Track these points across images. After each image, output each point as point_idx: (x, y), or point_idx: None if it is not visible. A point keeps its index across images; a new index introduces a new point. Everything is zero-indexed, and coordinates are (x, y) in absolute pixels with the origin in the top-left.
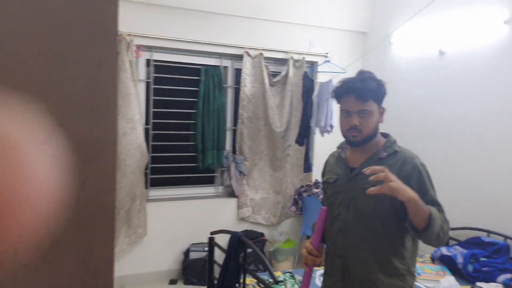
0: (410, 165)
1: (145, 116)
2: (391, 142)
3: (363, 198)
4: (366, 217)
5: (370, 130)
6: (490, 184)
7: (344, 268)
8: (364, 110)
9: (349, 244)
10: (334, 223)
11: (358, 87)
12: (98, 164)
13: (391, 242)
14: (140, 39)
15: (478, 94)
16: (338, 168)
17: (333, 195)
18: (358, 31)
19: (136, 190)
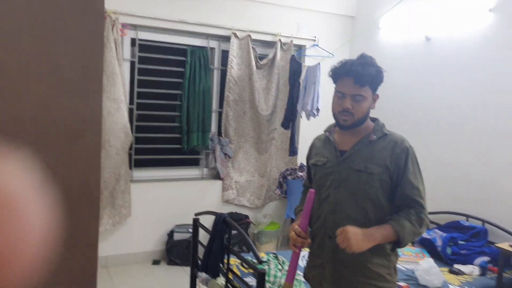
0: (400, 147)
1: (129, 96)
2: (380, 126)
3: (354, 179)
4: (357, 198)
5: (361, 114)
6: (471, 170)
7: (334, 248)
8: (359, 95)
9: (340, 224)
10: (324, 204)
11: (358, 71)
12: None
13: (379, 222)
14: (126, 18)
15: (463, 80)
16: (327, 151)
17: (323, 178)
18: (346, 15)
19: (120, 170)
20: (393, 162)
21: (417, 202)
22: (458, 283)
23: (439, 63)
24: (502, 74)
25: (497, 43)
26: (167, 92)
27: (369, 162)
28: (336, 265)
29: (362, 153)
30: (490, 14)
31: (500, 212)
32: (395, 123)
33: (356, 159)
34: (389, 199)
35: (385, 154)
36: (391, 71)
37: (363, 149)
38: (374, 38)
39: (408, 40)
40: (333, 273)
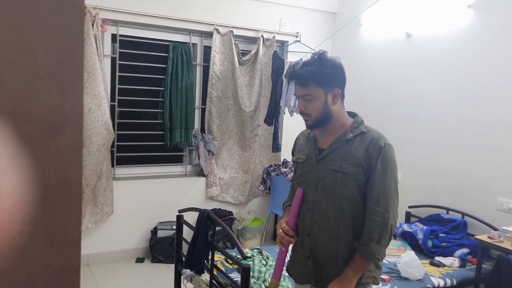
0: (374, 146)
1: (110, 92)
2: (358, 123)
3: (330, 179)
4: (333, 198)
5: (317, 113)
6: (450, 164)
7: (312, 245)
8: (306, 95)
9: (317, 223)
10: (303, 203)
11: (297, 73)
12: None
13: (356, 221)
14: (106, 13)
15: (442, 76)
16: (307, 149)
17: (302, 175)
18: (328, 11)
19: (102, 168)
20: (367, 161)
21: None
22: (438, 275)
23: (419, 59)
24: (480, 69)
25: (475, 39)
26: (149, 88)
27: (344, 162)
28: (316, 261)
29: (339, 152)
30: (469, 11)
31: (479, 205)
32: (377, 119)
33: (332, 159)
34: (365, 198)
35: (361, 152)
36: (372, 67)
37: (340, 148)
38: (356, 34)
39: (389, 36)
40: (313, 269)
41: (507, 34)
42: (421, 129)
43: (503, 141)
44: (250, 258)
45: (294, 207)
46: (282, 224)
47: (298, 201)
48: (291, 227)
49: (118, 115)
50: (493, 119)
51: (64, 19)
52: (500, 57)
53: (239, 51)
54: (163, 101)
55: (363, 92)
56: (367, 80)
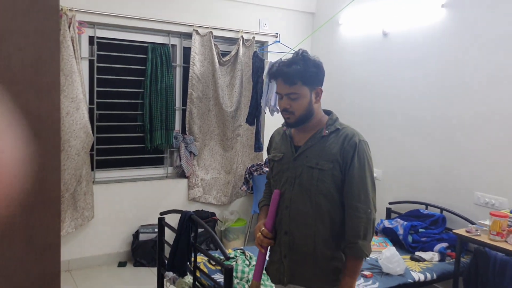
0: (349, 142)
1: (89, 95)
2: (333, 120)
3: (306, 176)
4: (310, 194)
5: (301, 111)
6: (428, 160)
7: (290, 243)
8: (292, 93)
9: (294, 220)
10: (280, 200)
11: (284, 71)
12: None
13: (333, 217)
14: (83, 15)
15: (419, 74)
16: (284, 146)
17: (279, 173)
18: (306, 12)
19: (81, 171)
20: (342, 157)
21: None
22: (419, 270)
23: (396, 57)
24: (455, 66)
25: (450, 37)
26: (128, 90)
27: (320, 158)
28: (292, 259)
29: (315, 149)
30: (442, 10)
31: (457, 200)
32: (355, 116)
33: (309, 155)
34: (342, 192)
35: (336, 149)
36: (351, 65)
37: (316, 144)
38: (334, 34)
39: (366, 35)
40: (290, 267)
41: (480, 31)
42: (399, 126)
43: (479, 137)
44: (233, 259)
45: (271, 209)
46: (261, 227)
47: (275, 203)
48: (269, 229)
49: (97, 118)
50: (469, 115)
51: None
52: (474, 54)
53: (219, 52)
54: (142, 102)
55: (342, 90)
56: (345, 79)
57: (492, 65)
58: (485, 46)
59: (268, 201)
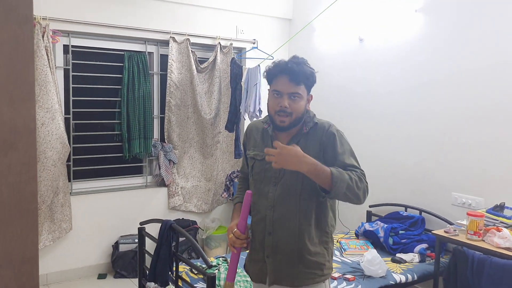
0: (326, 134)
1: (64, 105)
2: (310, 117)
3: (290, 176)
4: (294, 194)
5: (298, 114)
6: (406, 163)
7: (274, 244)
8: (295, 93)
9: (278, 220)
10: (262, 200)
11: (294, 69)
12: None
13: (316, 213)
14: (57, 24)
15: (394, 77)
16: (265, 145)
17: (261, 173)
18: (283, 18)
19: (58, 183)
20: (322, 150)
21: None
22: (400, 271)
23: (372, 62)
24: (429, 69)
25: (423, 41)
26: (105, 99)
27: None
28: (276, 259)
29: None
30: (417, 15)
31: (435, 201)
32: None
33: None
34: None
35: (315, 143)
36: (328, 71)
37: (298, 143)
38: (312, 40)
39: (343, 41)
40: (273, 267)
41: (452, 35)
42: (377, 130)
43: (454, 138)
44: (216, 267)
45: (244, 210)
46: (233, 228)
47: (248, 204)
48: (242, 230)
49: (73, 128)
50: (445, 118)
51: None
52: (448, 56)
53: (197, 59)
54: (120, 111)
55: (319, 95)
56: (322, 84)
57: (466, 69)
58: (459, 49)
59: (242, 198)
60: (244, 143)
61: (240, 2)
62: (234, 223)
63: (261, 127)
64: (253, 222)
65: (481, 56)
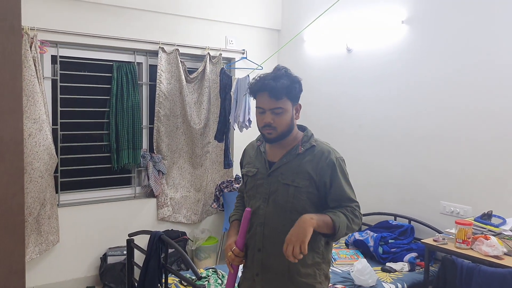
0: (326, 161)
1: (51, 116)
2: (308, 137)
3: (282, 192)
4: (285, 211)
5: (284, 127)
6: (395, 172)
7: (263, 261)
8: (277, 108)
9: (268, 237)
10: (254, 216)
11: (271, 85)
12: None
13: None
14: (45, 34)
15: (382, 87)
16: (258, 162)
17: (253, 189)
18: (272, 29)
19: (45, 194)
20: (319, 175)
21: (350, 202)
22: (390, 280)
23: (360, 72)
24: (416, 79)
25: (410, 52)
26: (93, 110)
27: (296, 176)
28: (265, 278)
29: (290, 165)
30: (403, 26)
31: (424, 210)
32: (322, 131)
33: (284, 172)
34: (317, 209)
35: (312, 166)
36: (316, 81)
37: (291, 161)
38: (300, 50)
39: (331, 51)
40: (262, 286)
41: (438, 45)
42: (366, 139)
43: (442, 146)
44: (205, 278)
45: (243, 227)
46: (232, 246)
47: (246, 221)
48: (241, 248)
49: (61, 139)
50: (432, 128)
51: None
52: (434, 66)
53: (186, 69)
54: (108, 122)
55: (308, 105)
56: (310, 94)
57: (453, 78)
58: (445, 60)
59: (239, 215)
60: (240, 162)
61: (229, 13)
62: (232, 240)
63: (256, 145)
64: (247, 238)
65: (467, 66)
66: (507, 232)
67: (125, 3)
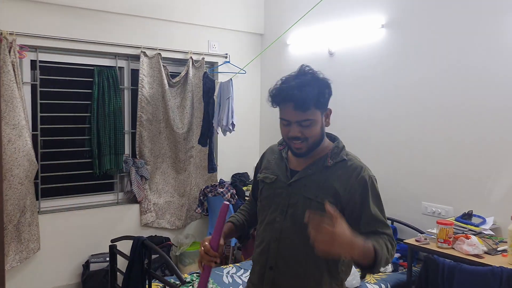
0: (358, 178)
1: (31, 121)
2: (339, 149)
3: (302, 207)
4: (304, 228)
5: (315, 138)
6: (377, 174)
7: (274, 280)
8: (305, 120)
9: (283, 256)
10: (268, 229)
11: (296, 96)
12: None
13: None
14: (24, 39)
15: (363, 90)
16: (278, 168)
17: (269, 198)
18: (255, 33)
19: (25, 201)
20: (347, 193)
21: (386, 229)
22: (374, 281)
23: (342, 75)
24: (395, 82)
25: (390, 55)
26: (74, 115)
27: (321, 190)
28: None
29: (315, 178)
30: (382, 30)
31: (406, 211)
32: None
33: (307, 184)
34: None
35: (340, 182)
36: None
37: (317, 173)
38: (283, 54)
39: (313, 55)
40: None
41: (417, 48)
42: (347, 141)
43: (422, 148)
44: (190, 283)
45: (218, 223)
46: (205, 242)
47: (223, 217)
48: (214, 246)
49: (41, 145)
50: (412, 128)
51: None
52: (414, 69)
53: (168, 73)
54: (90, 127)
55: None
56: None
57: (432, 80)
58: (424, 62)
59: (235, 219)
60: (257, 165)
61: (212, 17)
62: (208, 237)
63: (277, 150)
64: (256, 253)
65: (446, 68)
66: (487, 231)
67: (106, 7)
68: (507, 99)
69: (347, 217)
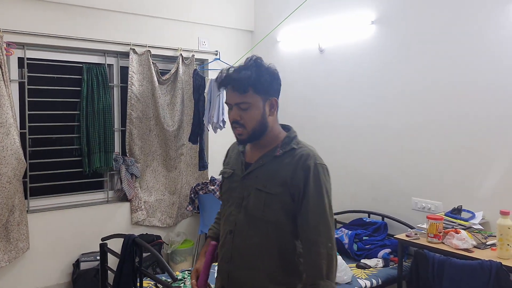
0: (303, 165)
1: (19, 120)
2: (290, 138)
3: (254, 199)
4: (257, 220)
5: (254, 124)
6: (367, 170)
7: (230, 273)
8: (242, 103)
9: (238, 248)
10: (226, 223)
11: (234, 77)
12: None
13: (282, 249)
14: (11, 36)
15: (353, 86)
16: (236, 162)
17: (227, 192)
18: (245, 30)
19: (14, 200)
20: (293, 182)
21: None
22: (365, 277)
23: (332, 71)
24: (386, 78)
25: (379, 51)
26: (63, 113)
27: (269, 181)
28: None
29: (265, 169)
30: (372, 26)
31: (396, 206)
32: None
33: (258, 176)
34: (293, 220)
35: (287, 171)
36: (290, 80)
37: (267, 164)
38: (273, 51)
39: (304, 51)
40: None
41: (407, 45)
42: (339, 137)
43: (412, 144)
44: (181, 281)
45: (206, 263)
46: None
47: (210, 255)
48: (201, 285)
49: (29, 143)
50: (403, 124)
51: None
52: (404, 65)
53: (158, 71)
54: (79, 125)
55: (282, 104)
56: (285, 94)
57: (422, 77)
58: (414, 58)
59: (213, 232)
60: (223, 162)
61: (202, 14)
62: (199, 264)
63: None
64: (219, 246)
65: (436, 64)
66: (476, 226)
67: (95, 4)
68: (496, 96)
69: (296, 206)
